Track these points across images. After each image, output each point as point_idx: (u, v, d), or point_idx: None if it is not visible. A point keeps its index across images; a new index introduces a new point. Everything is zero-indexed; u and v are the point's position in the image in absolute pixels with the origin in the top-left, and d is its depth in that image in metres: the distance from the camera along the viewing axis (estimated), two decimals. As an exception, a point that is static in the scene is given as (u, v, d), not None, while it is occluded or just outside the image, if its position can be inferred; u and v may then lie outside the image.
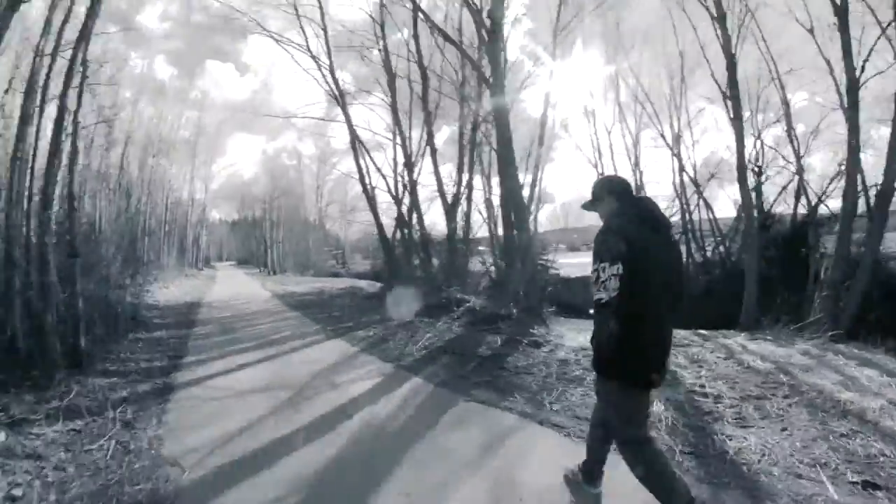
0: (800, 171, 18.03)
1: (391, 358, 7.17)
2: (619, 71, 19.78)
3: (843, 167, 11.64)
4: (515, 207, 11.47)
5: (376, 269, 34.72)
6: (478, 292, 12.04)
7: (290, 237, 41.00)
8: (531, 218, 14.68)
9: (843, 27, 10.27)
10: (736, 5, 13.37)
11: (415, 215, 16.41)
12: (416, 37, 14.98)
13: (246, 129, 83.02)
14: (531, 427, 4.45)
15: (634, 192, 3.05)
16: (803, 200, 18.13)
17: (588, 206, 3.09)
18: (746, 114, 15.26)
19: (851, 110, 10.39)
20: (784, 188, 18.83)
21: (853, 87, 10.34)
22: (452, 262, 14.12)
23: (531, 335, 7.86)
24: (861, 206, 10.87)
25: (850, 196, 10.68)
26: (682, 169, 20.40)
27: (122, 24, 21.53)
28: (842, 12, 10.25)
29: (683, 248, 20.80)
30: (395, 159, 16.97)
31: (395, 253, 16.79)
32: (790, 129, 17.30)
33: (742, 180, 12.71)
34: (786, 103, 16.68)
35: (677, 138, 20.45)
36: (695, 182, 20.45)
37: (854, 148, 10.39)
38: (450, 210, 15.56)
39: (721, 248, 20.69)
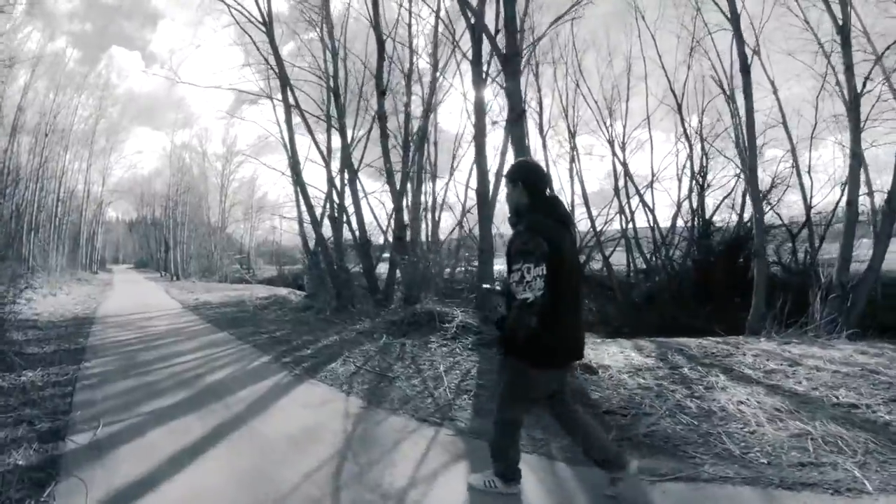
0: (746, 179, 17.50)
1: (461, 427, 4.29)
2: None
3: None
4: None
5: (285, 275, 32.40)
6: (459, 304, 9.69)
7: (193, 239, 36.52)
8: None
9: (846, 44, 10.82)
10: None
11: (353, 214, 13.74)
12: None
13: (148, 123, 77.19)
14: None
15: (547, 189, 3.03)
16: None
17: (507, 178, 3.07)
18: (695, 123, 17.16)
19: (853, 122, 10.67)
20: (726, 196, 18.37)
21: (855, 100, 10.68)
22: (416, 268, 11.56)
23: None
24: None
25: (853, 201, 10.62)
26: (626, 174, 19.18)
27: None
28: (846, 31, 10.72)
29: (623, 255, 19.95)
30: (328, 146, 14.25)
31: (332, 258, 13.92)
32: (739, 139, 16.62)
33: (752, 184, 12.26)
34: (734, 117, 16.50)
35: (622, 145, 19.40)
36: (637, 188, 19.37)
37: (856, 155, 10.61)
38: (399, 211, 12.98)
39: (662, 255, 19.56)
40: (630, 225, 19.59)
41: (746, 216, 17.83)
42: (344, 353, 7.13)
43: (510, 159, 13.39)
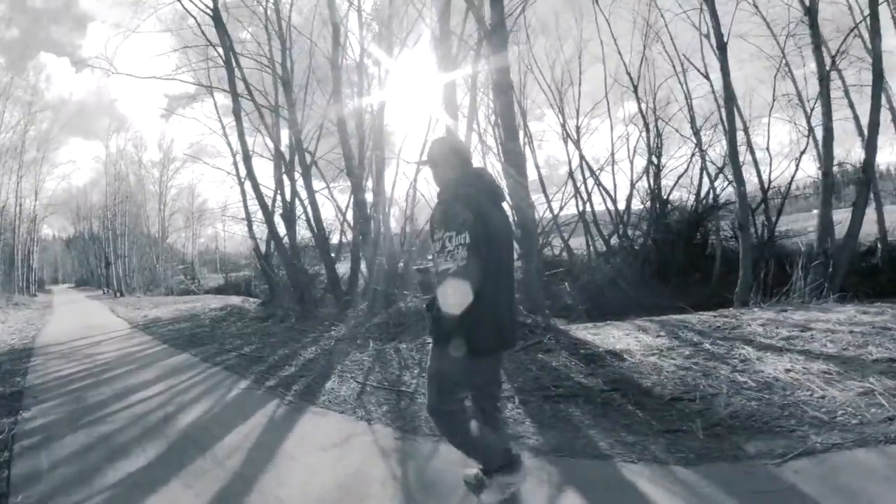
0: (702, 157, 17.59)
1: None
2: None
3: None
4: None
5: (232, 283, 30.75)
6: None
7: (135, 251, 33.96)
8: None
9: (813, 24, 11.09)
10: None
11: (308, 209, 12.53)
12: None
13: (81, 133, 72.76)
14: None
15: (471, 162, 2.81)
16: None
17: (423, 164, 2.94)
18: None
19: (825, 97, 11.04)
20: (682, 175, 18.42)
21: (825, 77, 11.08)
22: (393, 264, 10.51)
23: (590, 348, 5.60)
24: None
25: (828, 172, 10.83)
26: (581, 157, 18.75)
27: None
28: (813, 13, 11.10)
29: (582, 239, 19.72)
30: (276, 139, 12.98)
31: (290, 258, 12.63)
32: (693, 122, 17.69)
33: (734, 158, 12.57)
34: (689, 98, 17.53)
35: (576, 129, 19.08)
36: (592, 171, 18.95)
37: (828, 129, 10.83)
38: (361, 204, 11.82)
39: (620, 236, 19.27)
40: (587, 207, 19.20)
41: (703, 195, 18.02)
42: (335, 368, 6.11)
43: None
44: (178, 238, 38.01)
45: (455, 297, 2.31)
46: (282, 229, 13.31)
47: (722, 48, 11.74)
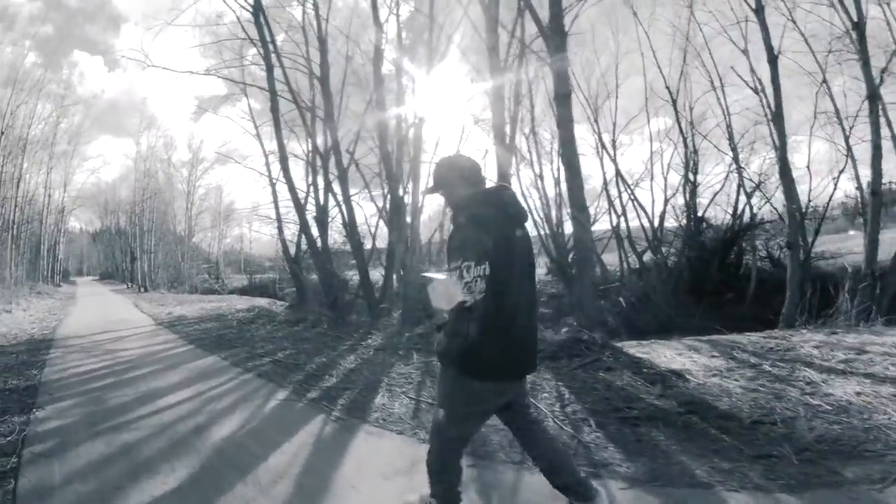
0: (739, 174, 16.82)
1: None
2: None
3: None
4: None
5: (256, 284, 30.30)
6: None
7: (160, 248, 33.60)
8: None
9: (862, 38, 10.83)
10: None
11: (343, 211, 11.92)
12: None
13: (111, 131, 73.40)
14: None
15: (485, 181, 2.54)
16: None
17: (431, 191, 2.53)
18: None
19: (874, 115, 10.54)
20: (717, 192, 17.67)
21: (875, 93, 10.57)
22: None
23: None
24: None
25: (877, 191, 10.47)
26: (617, 171, 18.02)
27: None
28: (861, 27, 10.83)
29: (615, 254, 19.08)
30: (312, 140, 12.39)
31: (324, 263, 11.96)
32: (731, 138, 16.54)
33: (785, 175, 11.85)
34: (727, 114, 16.42)
35: (612, 143, 18.18)
36: (627, 184, 18.21)
37: (877, 147, 10.38)
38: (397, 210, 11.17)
39: (654, 252, 18.54)
40: (621, 223, 18.48)
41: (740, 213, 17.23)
42: (382, 381, 5.42)
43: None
44: (203, 237, 37.71)
45: (470, 330, 2.13)
46: (313, 231, 12.77)
47: (773, 61, 11.37)
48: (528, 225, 2.51)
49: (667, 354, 5.70)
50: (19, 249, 24.18)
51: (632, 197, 18.34)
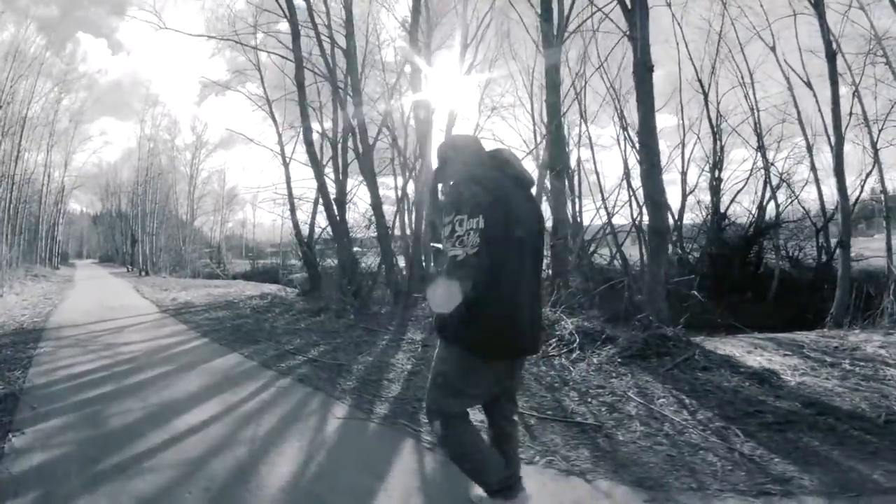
0: (767, 171, 15.83)
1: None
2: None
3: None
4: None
5: (260, 269, 29.01)
6: (572, 306, 7.07)
7: (162, 231, 31.86)
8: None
9: None
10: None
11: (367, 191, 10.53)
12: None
13: (114, 114, 71.70)
14: None
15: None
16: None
17: (439, 172, 2.37)
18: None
19: None
20: (740, 190, 16.95)
21: None
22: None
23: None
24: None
25: None
26: (640, 164, 16.75)
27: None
28: None
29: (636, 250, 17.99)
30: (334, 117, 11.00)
31: (347, 248, 10.53)
32: (760, 135, 16.00)
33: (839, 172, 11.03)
34: (757, 110, 15.97)
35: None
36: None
37: None
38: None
39: (675, 248, 17.42)
40: (643, 218, 17.30)
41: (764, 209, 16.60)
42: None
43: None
44: (205, 221, 36.00)
45: (457, 290, 1.87)
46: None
47: (832, 57, 10.74)
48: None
49: (737, 353, 5.20)
50: (15, 230, 22.40)
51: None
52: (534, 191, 2.38)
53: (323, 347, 6.14)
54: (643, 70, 6.81)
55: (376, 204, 10.44)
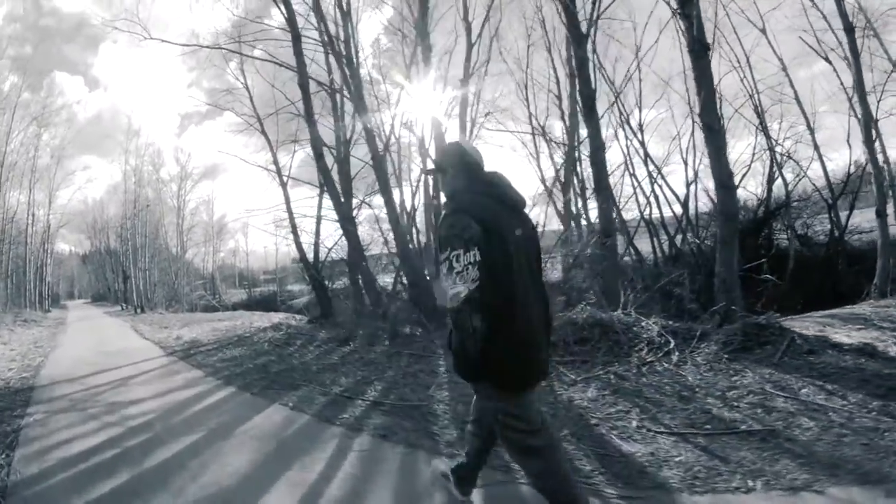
0: (772, 151, 15.07)
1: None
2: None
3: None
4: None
5: (257, 298, 27.68)
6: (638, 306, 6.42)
7: (154, 265, 30.11)
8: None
9: None
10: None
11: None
12: None
13: (94, 151, 70.46)
14: None
15: (485, 167, 2.17)
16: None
17: (430, 171, 2.43)
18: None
19: None
20: (745, 174, 16.01)
21: None
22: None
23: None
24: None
25: None
26: (647, 155, 16.07)
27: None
28: None
29: (647, 241, 17.20)
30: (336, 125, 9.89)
31: (369, 271, 9.27)
32: (761, 117, 15.16)
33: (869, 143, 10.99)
34: (756, 91, 15.19)
35: (640, 125, 16.10)
36: (657, 167, 16.24)
37: None
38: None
39: (684, 238, 16.43)
40: (651, 209, 16.64)
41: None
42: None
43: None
44: (196, 252, 34.45)
45: (475, 322, 1.76)
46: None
47: (850, 30, 10.79)
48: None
49: (812, 329, 5.17)
50: (1, 273, 20.62)
51: (655, 181, 16.37)
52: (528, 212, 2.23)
53: (379, 385, 4.89)
54: (700, 48, 6.44)
55: (393, 216, 9.23)
